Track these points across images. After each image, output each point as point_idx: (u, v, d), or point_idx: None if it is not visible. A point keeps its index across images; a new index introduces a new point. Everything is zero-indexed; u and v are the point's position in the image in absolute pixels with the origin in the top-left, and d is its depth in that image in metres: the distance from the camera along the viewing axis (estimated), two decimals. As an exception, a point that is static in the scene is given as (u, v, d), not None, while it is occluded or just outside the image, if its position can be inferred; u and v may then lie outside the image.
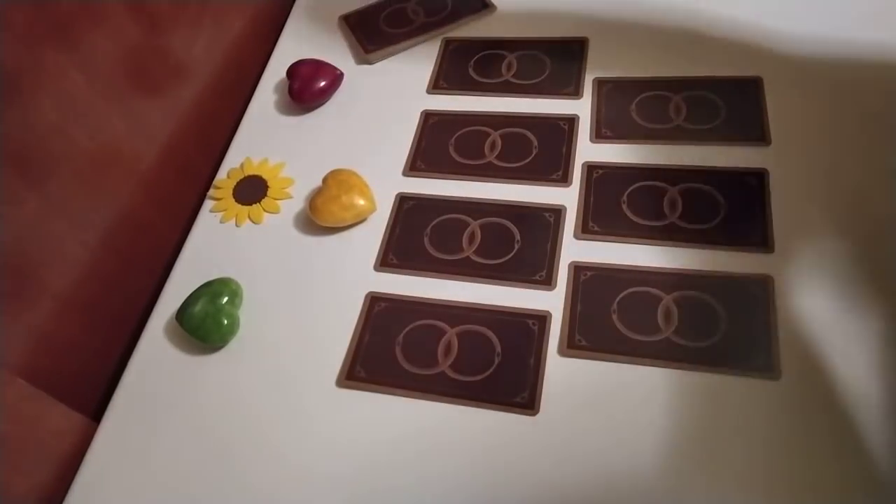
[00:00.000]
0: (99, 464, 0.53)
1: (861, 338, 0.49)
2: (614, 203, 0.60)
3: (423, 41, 0.77)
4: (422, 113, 0.70)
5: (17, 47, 0.50)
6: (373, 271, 0.59)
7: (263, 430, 0.52)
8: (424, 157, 0.67)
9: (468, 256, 0.59)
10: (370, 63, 0.75)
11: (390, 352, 0.55)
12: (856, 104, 0.61)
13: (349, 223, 0.62)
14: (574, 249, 0.58)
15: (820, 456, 0.45)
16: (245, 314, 0.58)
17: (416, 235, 0.61)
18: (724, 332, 0.51)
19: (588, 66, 0.70)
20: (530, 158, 0.64)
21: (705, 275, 0.54)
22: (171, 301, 0.60)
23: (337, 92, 0.73)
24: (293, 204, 0.65)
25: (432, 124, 0.69)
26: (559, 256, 0.57)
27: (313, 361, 0.55)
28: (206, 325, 0.56)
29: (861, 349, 0.49)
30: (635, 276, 0.55)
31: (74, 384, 0.56)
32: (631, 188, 0.60)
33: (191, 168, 0.70)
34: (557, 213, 0.60)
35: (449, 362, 0.53)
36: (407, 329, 0.56)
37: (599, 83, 0.69)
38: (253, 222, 0.65)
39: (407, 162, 0.66)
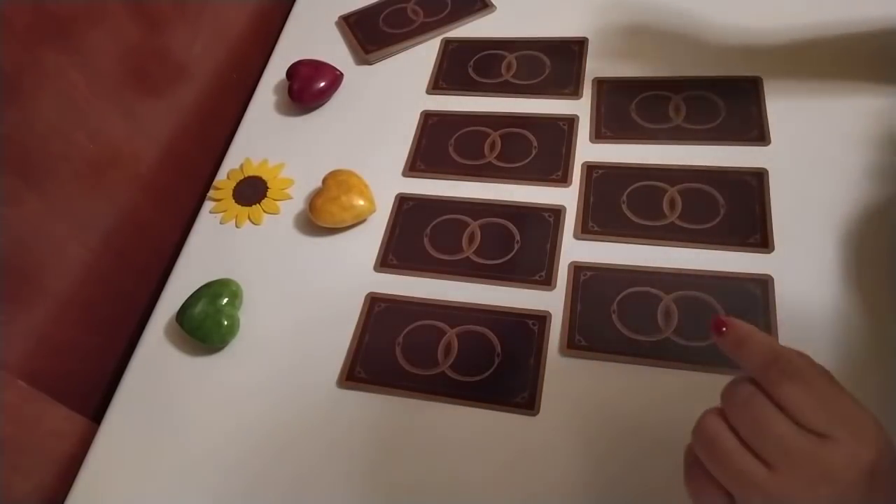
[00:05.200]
0: (99, 465, 0.53)
1: (860, 337, 0.49)
2: (614, 203, 0.60)
3: (423, 41, 0.77)
4: (421, 113, 0.70)
5: (17, 47, 0.50)
6: (372, 272, 0.59)
7: (263, 430, 0.52)
8: (424, 158, 0.66)
9: (468, 257, 0.59)
10: (370, 63, 0.75)
11: (390, 352, 0.55)
12: (856, 103, 0.61)
13: (349, 224, 0.62)
14: (574, 249, 0.58)
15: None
16: (245, 315, 0.58)
17: (415, 236, 0.61)
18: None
19: (588, 66, 0.70)
20: (530, 159, 0.64)
21: (705, 275, 0.54)
22: (171, 302, 0.60)
23: (337, 92, 0.73)
24: (293, 204, 0.65)
25: (432, 124, 0.69)
26: (559, 256, 0.57)
27: (313, 362, 0.55)
28: (206, 326, 0.56)
29: (860, 348, 0.49)
30: (635, 276, 0.55)
31: (74, 385, 0.56)
32: (631, 188, 0.60)
33: (191, 168, 0.70)
34: (557, 213, 0.60)
35: (449, 363, 0.53)
36: (407, 329, 0.56)
37: (599, 83, 0.69)
38: (253, 223, 0.65)
39: (407, 162, 0.66)
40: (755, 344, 0.33)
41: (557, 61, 0.71)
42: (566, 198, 0.61)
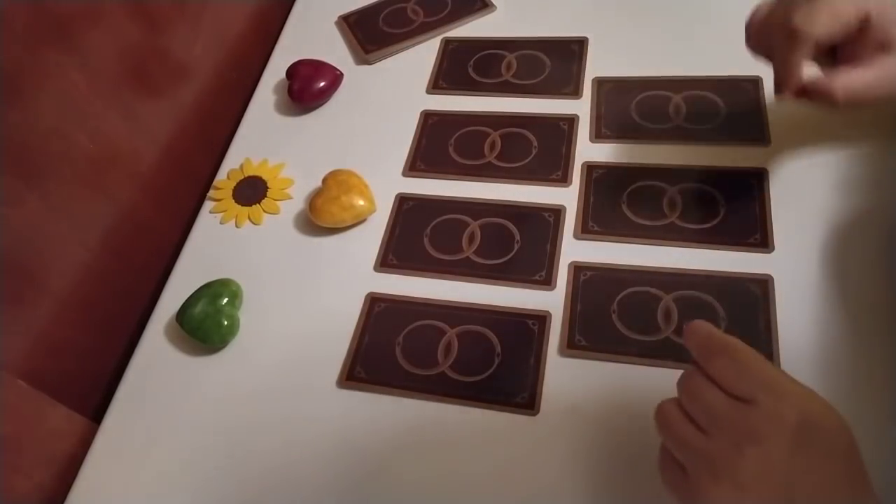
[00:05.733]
0: (99, 464, 0.53)
1: (861, 336, 0.49)
2: (614, 203, 0.60)
3: (423, 41, 0.77)
4: (421, 113, 0.70)
5: (17, 47, 0.50)
6: (372, 272, 0.59)
7: (264, 431, 0.52)
8: (424, 158, 0.66)
9: (468, 257, 0.59)
10: (370, 63, 0.75)
11: (390, 352, 0.55)
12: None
13: (349, 224, 0.62)
14: (574, 249, 0.58)
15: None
16: (245, 315, 0.58)
17: (415, 236, 0.61)
18: (723, 331, 0.51)
19: (588, 65, 0.70)
20: (530, 158, 0.64)
21: (705, 275, 0.54)
22: (171, 302, 0.60)
23: (337, 92, 0.73)
24: (293, 204, 0.65)
25: (432, 124, 0.69)
26: (559, 256, 0.57)
27: (313, 362, 0.55)
28: (206, 326, 0.56)
29: (861, 347, 0.49)
30: (635, 276, 0.55)
31: (74, 385, 0.56)
32: (631, 188, 0.60)
33: (191, 168, 0.70)
34: (557, 213, 0.60)
35: (449, 362, 0.53)
36: (407, 329, 0.56)
37: (599, 83, 0.69)
38: (253, 223, 0.65)
39: (407, 162, 0.66)
40: (695, 333, 0.38)
41: (557, 61, 0.71)
42: (566, 198, 0.61)
